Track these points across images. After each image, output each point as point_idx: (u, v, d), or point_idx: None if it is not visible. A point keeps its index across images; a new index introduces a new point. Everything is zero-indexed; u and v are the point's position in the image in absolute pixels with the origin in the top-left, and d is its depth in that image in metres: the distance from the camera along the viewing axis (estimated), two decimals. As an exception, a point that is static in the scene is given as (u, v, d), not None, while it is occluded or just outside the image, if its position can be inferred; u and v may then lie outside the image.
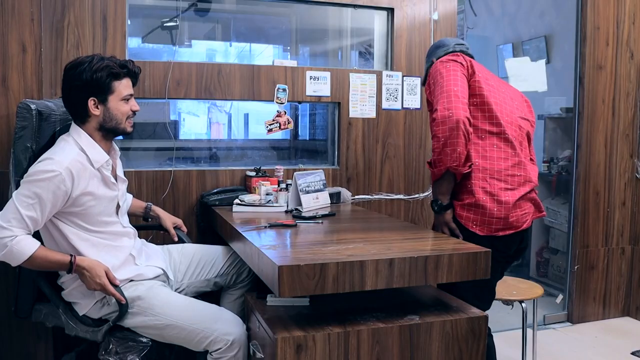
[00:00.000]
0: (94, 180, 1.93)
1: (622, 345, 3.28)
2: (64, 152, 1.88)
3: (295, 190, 2.53)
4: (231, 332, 1.92)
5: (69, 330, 2.01)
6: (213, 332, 1.91)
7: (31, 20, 2.46)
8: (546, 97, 4.55)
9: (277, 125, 2.93)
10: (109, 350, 1.95)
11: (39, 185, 1.79)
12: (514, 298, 2.55)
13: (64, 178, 1.81)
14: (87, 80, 1.89)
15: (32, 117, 1.99)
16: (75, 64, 1.92)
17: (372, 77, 3.08)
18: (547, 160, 4.39)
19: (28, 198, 1.79)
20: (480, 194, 2.07)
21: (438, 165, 2.05)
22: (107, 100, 1.93)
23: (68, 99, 1.95)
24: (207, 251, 2.34)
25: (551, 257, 4.36)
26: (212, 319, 1.95)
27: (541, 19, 4.86)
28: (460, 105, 2.00)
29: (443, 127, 1.99)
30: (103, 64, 1.90)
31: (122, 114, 1.96)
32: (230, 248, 2.30)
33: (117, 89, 1.94)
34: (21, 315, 2.09)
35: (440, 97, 2.04)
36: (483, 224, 2.07)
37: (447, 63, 2.16)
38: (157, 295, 1.98)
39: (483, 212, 2.07)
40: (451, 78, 2.07)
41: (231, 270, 2.31)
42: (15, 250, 1.78)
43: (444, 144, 2.00)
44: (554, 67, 4.59)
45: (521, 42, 5.03)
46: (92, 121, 1.95)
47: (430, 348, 1.76)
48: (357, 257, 1.67)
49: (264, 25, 3.70)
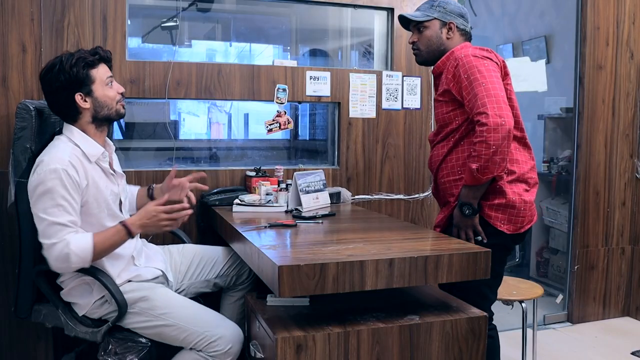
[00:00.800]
0: (94, 173, 1.94)
1: (622, 345, 3.28)
2: (58, 150, 1.89)
3: (295, 190, 2.53)
4: (230, 338, 1.93)
5: (68, 330, 2.01)
6: (213, 335, 1.91)
7: (31, 20, 2.46)
8: (546, 97, 4.56)
9: (277, 125, 2.93)
10: (109, 350, 1.95)
11: (53, 190, 1.79)
12: (514, 298, 2.55)
13: (69, 170, 1.82)
14: (67, 79, 1.89)
15: (31, 118, 1.99)
16: (47, 68, 1.93)
17: (372, 77, 3.08)
18: (547, 160, 4.39)
19: (54, 208, 1.79)
20: (510, 195, 2.11)
21: (485, 173, 2.01)
22: (92, 91, 1.94)
23: (54, 102, 1.96)
24: (207, 252, 2.34)
25: (551, 257, 4.36)
26: (214, 322, 1.96)
27: (541, 19, 4.86)
28: (509, 113, 1.99)
29: (495, 134, 1.96)
30: (74, 59, 1.91)
31: (110, 99, 1.98)
32: (230, 249, 2.30)
33: (97, 77, 1.95)
34: (21, 315, 2.09)
35: (487, 100, 1.99)
36: (510, 222, 2.13)
37: (484, 60, 2.08)
38: (160, 296, 1.98)
39: (511, 211, 2.12)
40: (494, 80, 2.04)
41: (231, 272, 2.31)
42: (78, 252, 1.79)
43: (495, 152, 1.97)
44: (554, 67, 4.59)
45: (521, 42, 5.03)
46: (84, 116, 1.96)
47: (430, 348, 1.76)
48: (357, 257, 1.67)
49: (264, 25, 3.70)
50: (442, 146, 2.25)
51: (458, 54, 2.16)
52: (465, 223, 2.11)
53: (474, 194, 2.08)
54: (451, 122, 2.19)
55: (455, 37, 2.25)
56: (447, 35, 2.24)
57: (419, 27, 2.27)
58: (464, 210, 2.09)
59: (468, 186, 2.08)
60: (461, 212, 2.10)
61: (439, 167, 2.26)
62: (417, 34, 2.29)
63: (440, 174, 2.26)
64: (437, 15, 2.24)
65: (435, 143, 2.30)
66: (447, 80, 2.17)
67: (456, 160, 2.19)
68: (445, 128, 2.22)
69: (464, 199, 2.10)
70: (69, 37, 2.53)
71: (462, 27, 2.26)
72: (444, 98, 2.20)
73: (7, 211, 2.43)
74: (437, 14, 2.24)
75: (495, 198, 2.12)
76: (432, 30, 2.25)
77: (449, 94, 2.17)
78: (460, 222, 2.12)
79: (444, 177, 2.24)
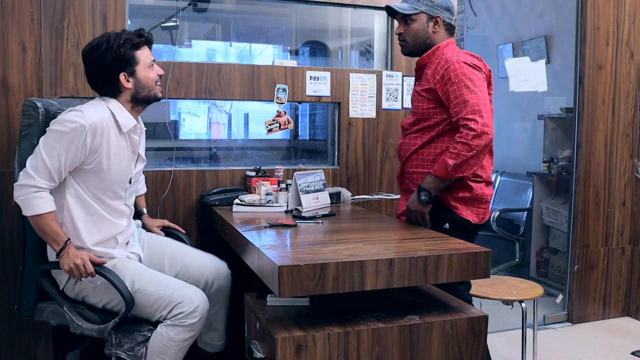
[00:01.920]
0: (120, 144, 2.00)
1: (622, 345, 3.28)
2: (95, 108, 1.96)
3: (295, 190, 2.53)
4: (196, 300, 1.96)
5: (73, 328, 2.01)
6: (179, 297, 1.94)
7: (31, 20, 2.46)
8: (546, 97, 4.56)
9: (277, 125, 2.93)
10: (115, 344, 1.96)
11: (64, 136, 1.87)
12: (514, 298, 2.55)
13: (88, 133, 1.88)
14: (113, 58, 1.97)
15: (38, 115, 2.00)
16: (93, 46, 2.00)
17: (372, 77, 3.08)
18: (547, 160, 4.39)
19: (53, 149, 1.87)
20: (476, 190, 2.25)
21: (458, 171, 2.12)
22: (135, 72, 2.03)
23: (97, 79, 2.04)
24: (196, 261, 2.28)
25: (551, 257, 4.36)
26: (179, 286, 2.01)
27: (541, 19, 4.86)
28: (493, 125, 2.12)
29: (479, 141, 2.08)
30: (122, 39, 1.99)
31: (151, 81, 2.07)
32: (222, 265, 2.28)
33: (141, 59, 2.04)
34: (24, 313, 2.09)
35: (478, 109, 2.09)
36: (474, 214, 2.27)
37: (474, 69, 2.18)
38: (129, 266, 2.04)
39: (477, 203, 2.27)
40: (484, 91, 2.16)
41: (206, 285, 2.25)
42: (33, 203, 1.87)
43: (473, 156, 2.09)
44: (554, 67, 4.60)
45: (521, 42, 5.04)
46: (124, 95, 2.05)
47: (430, 348, 1.76)
48: (357, 257, 1.67)
49: (264, 25, 3.71)
50: (415, 137, 2.34)
51: (450, 57, 2.21)
52: (417, 208, 2.20)
53: (437, 185, 2.18)
54: (430, 119, 2.28)
55: (440, 31, 2.32)
56: (433, 29, 2.31)
57: (406, 19, 2.33)
58: (421, 196, 2.18)
59: (435, 177, 2.17)
60: (418, 196, 2.19)
61: (410, 157, 2.35)
62: (404, 25, 2.34)
63: (410, 164, 2.35)
64: (425, 9, 2.30)
65: (409, 132, 2.39)
66: (434, 80, 2.23)
67: (427, 155, 2.29)
68: (423, 122, 2.31)
69: (425, 186, 2.19)
70: (69, 37, 2.53)
71: (448, 21, 2.32)
72: (427, 95, 2.27)
73: (8, 211, 2.44)
74: (424, 7, 2.30)
75: (460, 192, 2.24)
76: (419, 24, 2.30)
77: (433, 93, 2.24)
78: (413, 205, 2.22)
79: (413, 168, 2.34)
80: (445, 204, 2.25)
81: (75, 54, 2.52)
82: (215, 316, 2.24)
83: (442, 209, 2.25)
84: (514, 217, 4.80)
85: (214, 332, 2.27)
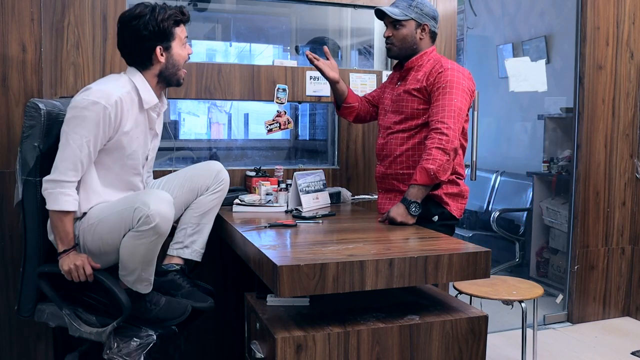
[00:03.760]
0: (140, 121, 2.00)
1: (622, 345, 3.28)
2: (111, 84, 1.94)
3: (295, 190, 2.53)
4: (151, 202, 1.81)
5: (72, 331, 2.01)
6: (135, 203, 1.83)
7: (31, 20, 2.46)
8: (546, 97, 4.56)
9: (277, 125, 2.93)
10: (113, 349, 1.95)
11: (89, 120, 1.84)
12: (514, 298, 2.55)
13: (111, 112, 1.87)
14: (154, 30, 1.96)
15: (40, 117, 1.97)
16: (135, 14, 1.98)
17: (372, 77, 3.08)
18: (547, 160, 4.39)
19: (81, 136, 1.85)
20: (461, 187, 2.43)
21: (440, 175, 2.23)
22: (170, 47, 2.02)
23: (132, 48, 2.01)
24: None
25: (551, 257, 4.36)
26: (139, 195, 1.90)
27: (541, 19, 4.86)
28: (458, 136, 2.27)
29: (452, 145, 2.23)
30: (167, 14, 1.98)
31: (182, 59, 2.07)
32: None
33: (178, 35, 2.04)
34: (24, 314, 2.08)
35: (454, 121, 2.24)
36: (458, 209, 2.42)
37: (468, 91, 2.31)
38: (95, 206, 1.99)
39: (460, 199, 2.43)
40: (465, 109, 2.30)
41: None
42: (59, 198, 1.85)
43: (447, 160, 2.23)
44: (554, 67, 4.60)
45: (521, 42, 5.04)
46: (154, 68, 2.04)
47: (430, 348, 1.76)
48: (357, 257, 1.67)
49: (264, 25, 3.71)
50: (403, 137, 2.40)
51: (445, 64, 2.34)
52: (406, 219, 2.23)
53: (423, 194, 2.25)
54: (419, 118, 2.37)
55: (426, 38, 2.43)
56: (420, 36, 2.42)
57: (395, 24, 2.41)
58: (411, 208, 2.21)
59: (419, 185, 2.22)
60: (408, 209, 2.22)
61: (398, 158, 2.41)
62: (393, 29, 2.43)
63: (398, 166, 2.42)
64: (414, 16, 2.39)
65: (394, 131, 2.43)
66: (427, 81, 2.34)
67: (412, 156, 2.39)
68: (410, 121, 2.38)
69: (412, 197, 2.22)
70: (69, 37, 2.53)
71: (433, 29, 2.45)
72: (418, 95, 2.36)
73: (8, 211, 2.44)
74: (414, 14, 2.39)
75: (449, 187, 2.37)
76: (408, 30, 2.40)
77: (424, 93, 2.35)
78: (400, 217, 2.22)
79: (403, 170, 2.41)
80: (436, 199, 2.35)
81: (75, 54, 2.52)
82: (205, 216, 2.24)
83: (432, 202, 2.34)
84: (514, 217, 4.80)
85: (198, 234, 2.23)
